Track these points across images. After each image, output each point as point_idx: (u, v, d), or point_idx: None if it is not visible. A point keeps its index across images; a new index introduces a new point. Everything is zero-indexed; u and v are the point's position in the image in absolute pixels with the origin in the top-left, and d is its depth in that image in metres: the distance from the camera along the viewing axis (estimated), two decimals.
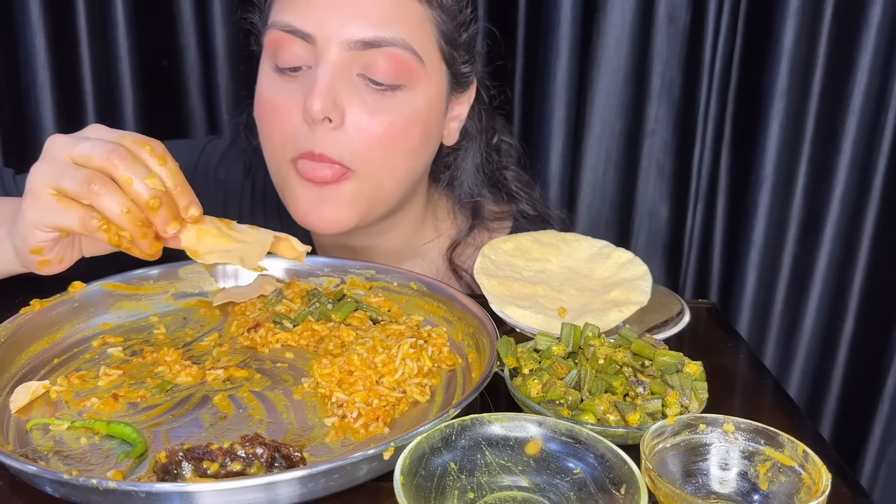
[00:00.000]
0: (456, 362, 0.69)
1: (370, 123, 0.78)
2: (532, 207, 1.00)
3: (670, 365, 0.62)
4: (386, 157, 0.81)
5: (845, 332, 1.28)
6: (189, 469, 0.50)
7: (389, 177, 0.83)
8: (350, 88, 0.77)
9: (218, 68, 1.23)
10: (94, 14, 1.17)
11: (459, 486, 0.50)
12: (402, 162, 0.83)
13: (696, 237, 1.28)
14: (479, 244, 0.94)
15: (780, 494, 0.50)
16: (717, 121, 1.21)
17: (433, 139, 0.87)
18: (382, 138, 0.79)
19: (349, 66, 0.77)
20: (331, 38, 0.76)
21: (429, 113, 0.83)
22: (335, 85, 0.76)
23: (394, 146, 0.80)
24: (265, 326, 0.72)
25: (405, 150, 0.82)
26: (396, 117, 0.79)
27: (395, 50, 0.77)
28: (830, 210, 1.23)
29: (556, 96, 1.21)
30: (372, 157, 0.80)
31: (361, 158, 0.79)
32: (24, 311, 0.69)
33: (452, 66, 0.85)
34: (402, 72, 0.78)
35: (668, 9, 1.18)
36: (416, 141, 0.82)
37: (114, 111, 1.23)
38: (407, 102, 0.80)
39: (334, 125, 0.77)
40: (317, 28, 0.76)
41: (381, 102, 0.78)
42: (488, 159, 0.97)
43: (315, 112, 0.75)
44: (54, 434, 0.57)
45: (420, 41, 0.79)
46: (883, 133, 1.17)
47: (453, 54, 0.84)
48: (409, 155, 0.83)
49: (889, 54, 1.14)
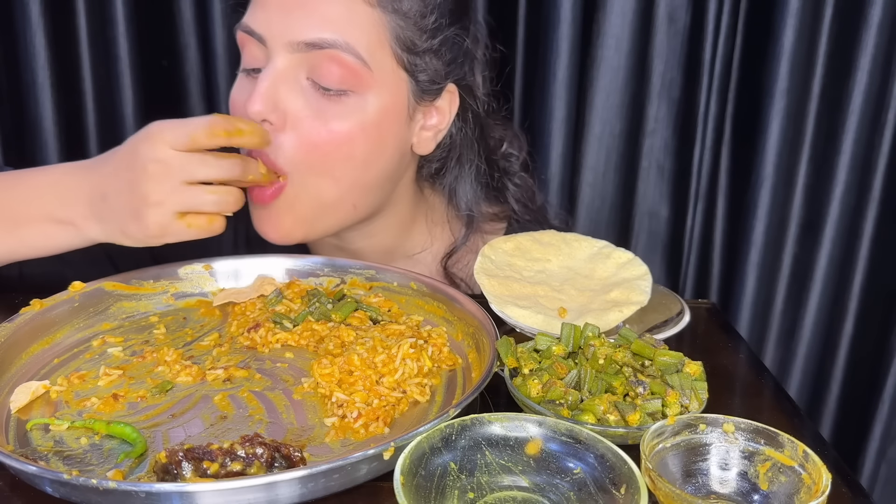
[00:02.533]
0: (456, 362, 0.69)
1: (311, 128, 0.78)
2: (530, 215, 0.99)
3: (670, 365, 0.62)
4: (325, 164, 0.80)
5: (845, 332, 1.27)
6: (189, 469, 0.50)
7: (331, 185, 0.81)
8: (296, 91, 0.78)
9: (218, 68, 1.23)
10: (94, 14, 1.17)
11: (459, 486, 0.50)
12: (344, 170, 0.81)
13: (696, 237, 1.28)
14: (471, 248, 0.94)
15: (780, 494, 0.50)
16: (717, 121, 1.21)
17: (388, 148, 0.84)
18: (322, 144, 0.78)
19: (296, 69, 0.78)
20: (277, 39, 0.77)
21: (380, 121, 0.81)
22: (278, 87, 0.77)
23: (334, 153, 0.79)
24: (265, 326, 0.72)
25: (347, 158, 0.80)
26: (341, 124, 0.78)
27: (338, 53, 0.76)
28: (830, 210, 1.22)
29: (556, 96, 1.21)
30: (309, 162, 0.79)
31: (297, 164, 0.79)
32: (24, 311, 0.69)
33: (414, 74, 0.82)
34: (348, 76, 0.77)
35: (668, 9, 1.17)
36: (360, 149, 0.80)
37: (114, 111, 1.23)
38: (354, 109, 0.79)
39: (274, 128, 0.77)
40: (266, 29, 0.78)
41: (326, 108, 0.78)
42: (489, 171, 0.95)
43: (253, 114, 0.76)
44: (54, 434, 0.57)
45: (370, 46, 0.78)
46: (883, 133, 1.17)
47: (414, 61, 0.81)
48: (352, 163, 0.81)
49: (889, 54, 1.14)
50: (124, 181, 0.70)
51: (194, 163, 0.69)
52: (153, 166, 0.69)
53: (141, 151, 0.70)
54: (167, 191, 0.69)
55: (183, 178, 0.69)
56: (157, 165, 0.68)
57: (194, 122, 0.70)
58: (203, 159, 0.70)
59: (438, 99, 0.86)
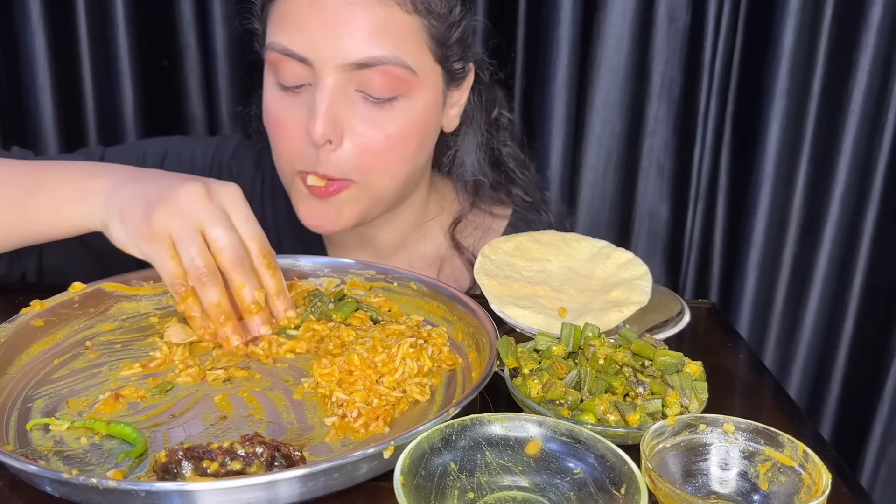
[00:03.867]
0: (456, 362, 0.69)
1: (370, 137, 0.81)
2: (525, 191, 1.01)
3: (670, 365, 0.62)
4: (385, 166, 0.84)
5: (845, 332, 1.28)
6: (189, 468, 0.50)
7: (389, 182, 0.86)
8: (349, 105, 0.80)
9: (218, 68, 1.23)
10: (94, 14, 1.17)
11: (459, 486, 0.50)
12: (400, 167, 0.85)
13: (696, 237, 1.28)
14: (479, 223, 0.98)
15: (780, 494, 0.50)
16: (717, 121, 1.21)
17: (431, 137, 0.89)
18: (382, 150, 0.82)
19: (346, 85, 0.79)
20: (326, 62, 0.78)
21: (426, 116, 0.85)
22: (334, 106, 0.79)
23: (392, 155, 0.83)
24: (266, 339, 0.72)
25: (403, 157, 0.85)
26: (394, 128, 0.82)
27: (388, 67, 0.79)
28: (830, 210, 1.23)
29: (556, 96, 1.21)
30: (372, 167, 0.83)
31: (362, 170, 0.82)
32: (24, 311, 0.69)
33: (446, 64, 0.86)
34: (397, 85, 0.80)
35: (668, 9, 1.18)
36: (413, 146, 0.85)
37: (114, 111, 1.23)
38: (404, 112, 0.82)
39: (335, 146, 0.80)
40: (311, 52, 0.78)
41: (379, 115, 0.81)
42: (489, 136, 0.98)
43: (317, 137, 0.78)
44: (54, 434, 0.57)
45: (412, 52, 0.81)
46: (883, 133, 1.17)
47: (446, 54, 0.85)
48: (406, 160, 0.85)
49: (889, 54, 1.14)
50: (161, 179, 0.70)
51: (223, 219, 0.68)
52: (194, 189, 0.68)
53: (198, 179, 0.70)
54: (182, 211, 0.67)
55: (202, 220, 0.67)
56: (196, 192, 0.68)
57: (255, 225, 0.71)
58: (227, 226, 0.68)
59: (464, 79, 0.90)
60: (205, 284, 0.67)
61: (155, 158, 0.96)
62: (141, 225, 0.67)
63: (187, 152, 0.97)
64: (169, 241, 0.67)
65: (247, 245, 0.70)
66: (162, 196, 0.67)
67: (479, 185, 0.98)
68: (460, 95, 0.91)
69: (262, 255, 0.70)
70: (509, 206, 1.02)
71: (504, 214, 1.01)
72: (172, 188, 0.68)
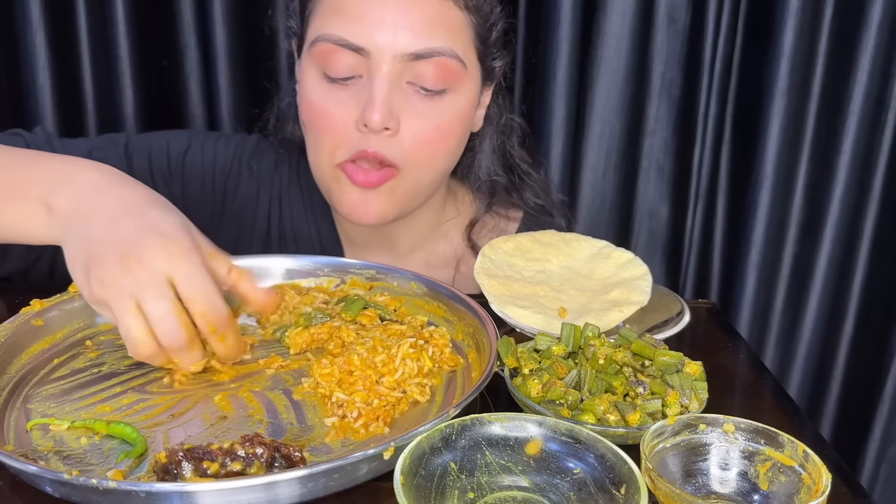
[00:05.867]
0: (458, 363, 0.69)
1: (422, 128, 0.83)
2: (535, 194, 1.03)
3: (670, 365, 0.62)
4: (432, 158, 0.86)
5: (845, 332, 1.28)
6: (189, 469, 0.50)
7: (429, 174, 0.88)
8: (402, 96, 0.82)
9: (218, 68, 1.23)
10: (94, 14, 1.17)
11: (459, 486, 0.50)
12: (443, 160, 0.88)
13: (696, 237, 1.28)
14: (494, 225, 1.01)
15: (780, 494, 0.50)
16: (717, 121, 1.21)
17: (467, 134, 0.92)
18: (431, 141, 0.84)
19: (400, 76, 0.81)
20: (384, 51, 0.79)
21: (469, 111, 0.88)
22: (391, 95, 0.80)
23: (440, 147, 0.86)
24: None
25: (448, 150, 0.88)
26: (443, 120, 0.84)
27: (443, 59, 0.81)
28: (830, 210, 1.22)
29: (556, 96, 1.21)
30: (420, 157, 0.85)
31: (409, 159, 0.84)
32: (24, 311, 0.69)
33: (485, 63, 0.88)
34: (449, 77, 0.83)
35: (668, 9, 1.18)
36: (457, 140, 0.88)
37: (114, 111, 1.23)
38: (452, 104, 0.84)
39: (392, 132, 0.81)
40: (370, 42, 0.79)
41: (429, 107, 0.83)
42: (502, 139, 1.00)
43: (376, 124, 0.79)
44: (54, 434, 0.57)
45: (462, 46, 0.83)
46: (883, 133, 1.17)
47: (486, 52, 0.88)
48: (450, 153, 0.89)
49: (889, 54, 1.14)
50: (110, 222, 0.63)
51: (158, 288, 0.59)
52: (164, 236, 0.61)
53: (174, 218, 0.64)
54: (115, 283, 0.59)
55: (134, 292, 0.59)
56: (166, 239, 0.61)
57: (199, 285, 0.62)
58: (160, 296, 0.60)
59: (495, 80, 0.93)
60: (143, 357, 0.62)
61: (178, 149, 0.96)
62: (82, 287, 0.62)
63: (210, 148, 0.98)
64: (109, 306, 0.60)
65: (189, 310, 0.61)
66: (97, 259, 0.60)
67: (494, 188, 1.00)
68: (487, 96, 0.93)
69: (204, 321, 0.62)
70: (521, 209, 1.03)
71: (516, 217, 1.02)
72: (110, 248, 0.60)
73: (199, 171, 0.96)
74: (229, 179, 0.98)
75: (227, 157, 0.98)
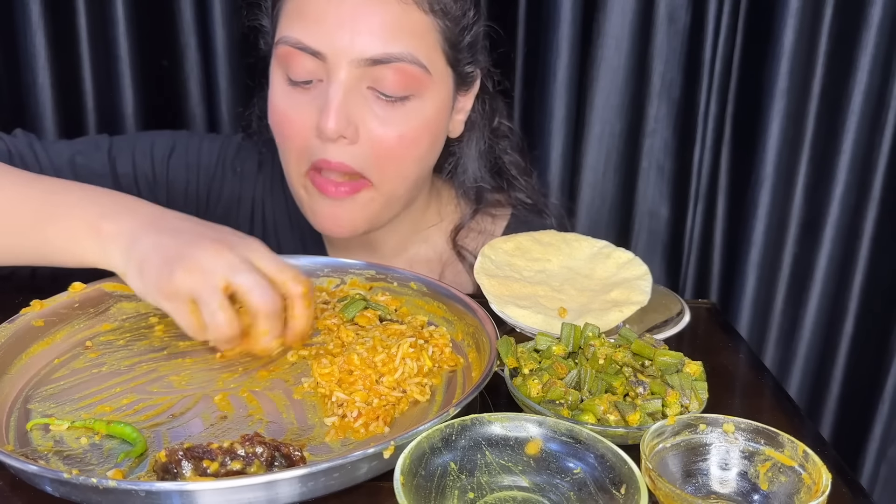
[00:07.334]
0: (458, 363, 0.69)
1: (384, 135, 0.80)
2: (527, 196, 1.01)
3: (670, 365, 0.62)
4: (398, 167, 0.83)
5: (845, 332, 1.27)
6: (189, 468, 0.50)
7: (401, 184, 0.85)
8: (361, 102, 0.79)
9: (218, 68, 1.23)
10: (94, 14, 1.17)
11: (459, 486, 0.50)
12: (412, 169, 0.85)
13: (696, 237, 1.28)
14: (481, 228, 0.98)
15: (780, 494, 0.50)
16: (717, 121, 1.21)
17: (440, 141, 0.89)
18: (394, 149, 0.81)
19: (359, 81, 0.79)
20: (340, 55, 0.77)
21: (437, 118, 0.85)
22: (347, 101, 0.78)
23: (405, 156, 0.83)
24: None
25: (415, 159, 0.84)
26: (407, 128, 0.81)
27: (403, 65, 0.78)
28: (830, 210, 1.22)
29: (556, 96, 1.21)
30: (386, 167, 0.82)
31: (375, 169, 0.82)
32: (24, 311, 0.69)
33: (457, 68, 0.86)
34: (411, 84, 0.80)
35: (668, 9, 1.17)
36: (424, 148, 0.85)
37: (114, 111, 1.23)
38: (416, 111, 0.81)
39: (349, 141, 0.79)
40: (327, 46, 0.77)
41: (391, 114, 0.80)
42: (491, 145, 0.98)
43: (330, 132, 0.77)
44: (54, 434, 0.57)
45: (427, 52, 0.80)
46: (883, 133, 1.17)
47: (457, 57, 0.85)
48: (418, 162, 0.85)
49: (889, 54, 1.14)
50: (180, 231, 0.67)
51: (246, 266, 0.65)
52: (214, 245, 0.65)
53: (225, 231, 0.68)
54: (203, 268, 0.63)
55: (225, 273, 0.64)
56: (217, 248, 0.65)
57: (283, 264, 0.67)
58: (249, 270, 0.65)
59: (472, 86, 0.91)
60: (223, 342, 0.66)
61: (163, 153, 0.95)
62: (161, 281, 0.64)
63: (194, 150, 0.97)
64: (189, 297, 0.64)
65: (277, 280, 0.66)
66: (182, 254, 0.64)
67: (481, 193, 0.98)
68: (466, 101, 0.91)
69: (296, 282, 0.67)
70: (509, 208, 1.01)
71: (504, 215, 1.01)
72: (193, 244, 0.65)
73: (182, 175, 0.96)
74: (213, 182, 0.97)
75: (211, 160, 0.98)
